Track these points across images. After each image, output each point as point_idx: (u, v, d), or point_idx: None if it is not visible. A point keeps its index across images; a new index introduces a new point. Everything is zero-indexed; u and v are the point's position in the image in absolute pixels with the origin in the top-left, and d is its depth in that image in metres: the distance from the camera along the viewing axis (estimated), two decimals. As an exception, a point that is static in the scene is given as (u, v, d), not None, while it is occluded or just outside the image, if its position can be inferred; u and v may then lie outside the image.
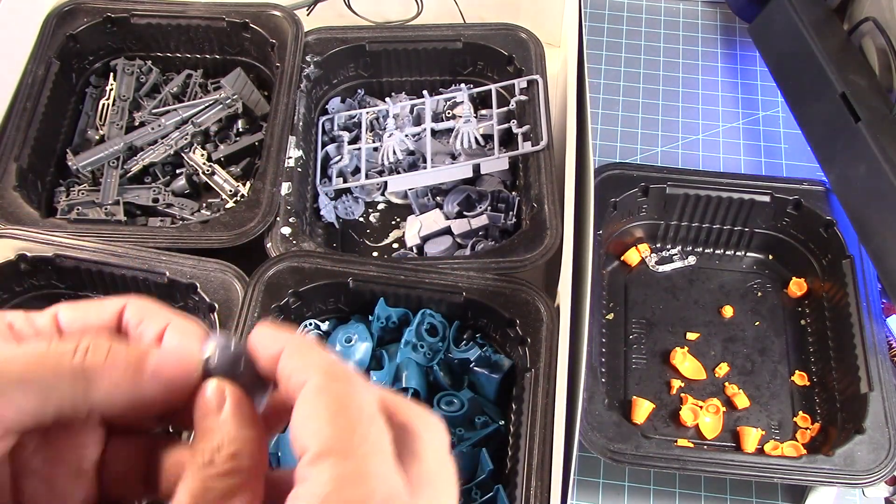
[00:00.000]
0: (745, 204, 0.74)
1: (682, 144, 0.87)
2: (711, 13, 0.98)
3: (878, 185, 0.66)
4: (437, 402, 0.62)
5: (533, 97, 0.75)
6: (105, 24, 0.78)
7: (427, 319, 0.64)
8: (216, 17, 0.78)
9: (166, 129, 0.76)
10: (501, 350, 0.65)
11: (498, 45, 0.78)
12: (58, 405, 0.23)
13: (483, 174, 0.76)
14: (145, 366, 0.24)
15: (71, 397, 0.23)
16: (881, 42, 0.72)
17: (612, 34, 0.95)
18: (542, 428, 0.55)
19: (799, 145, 0.86)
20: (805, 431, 0.68)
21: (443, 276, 0.63)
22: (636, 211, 0.76)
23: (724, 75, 0.92)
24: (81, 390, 0.23)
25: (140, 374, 0.24)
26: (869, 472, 0.60)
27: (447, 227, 0.74)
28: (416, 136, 0.78)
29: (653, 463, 0.60)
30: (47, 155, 0.73)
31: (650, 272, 0.77)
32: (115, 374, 0.24)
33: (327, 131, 0.80)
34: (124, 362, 0.24)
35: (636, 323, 0.74)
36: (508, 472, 0.57)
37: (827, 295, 0.72)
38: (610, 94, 0.90)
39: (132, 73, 0.79)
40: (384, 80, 0.82)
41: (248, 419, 0.25)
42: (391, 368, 0.63)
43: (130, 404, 0.24)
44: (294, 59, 0.75)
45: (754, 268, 0.77)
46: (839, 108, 0.71)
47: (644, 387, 0.70)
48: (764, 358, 0.72)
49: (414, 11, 0.86)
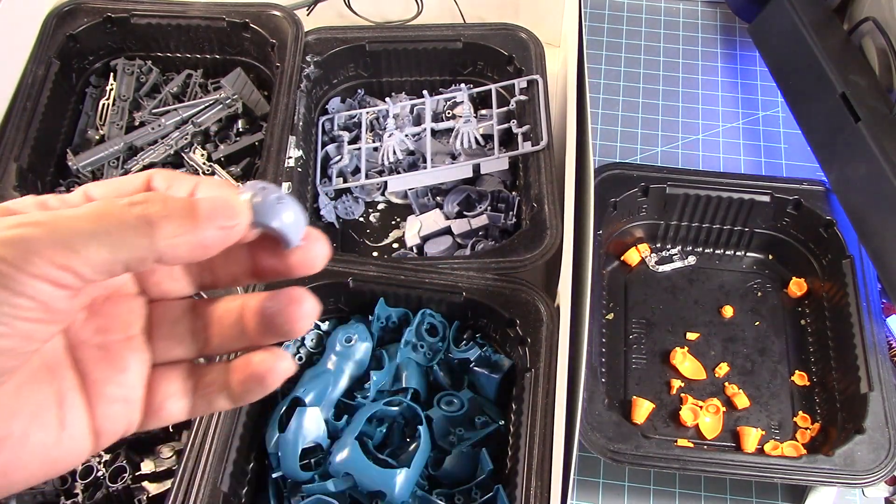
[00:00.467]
0: (745, 204, 0.74)
1: (682, 144, 0.87)
2: (711, 13, 0.98)
3: (878, 185, 0.66)
4: (437, 402, 0.62)
5: (533, 97, 0.75)
6: (105, 24, 0.78)
7: (427, 319, 0.64)
8: (216, 17, 0.78)
9: (166, 129, 0.76)
10: (501, 350, 0.65)
11: (498, 45, 0.78)
12: (127, 255, 0.24)
13: (483, 174, 0.76)
14: (199, 210, 0.25)
15: (138, 245, 0.24)
16: (881, 42, 0.72)
17: (612, 34, 0.95)
18: (542, 428, 0.55)
19: (799, 145, 0.86)
20: (805, 431, 0.68)
21: (443, 276, 0.63)
22: (636, 211, 0.76)
23: (724, 75, 0.92)
24: (148, 237, 0.24)
25: (196, 218, 0.25)
26: (869, 472, 0.60)
27: (447, 227, 0.74)
28: (416, 136, 0.78)
29: (653, 463, 0.60)
30: (47, 155, 0.73)
31: (650, 272, 0.77)
32: (176, 219, 0.25)
33: (327, 131, 0.80)
34: (181, 208, 0.25)
35: (636, 323, 0.74)
36: (508, 472, 0.57)
37: (827, 295, 0.72)
38: (610, 94, 0.90)
39: (132, 73, 0.79)
40: (384, 80, 0.82)
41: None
42: (391, 368, 0.63)
43: (191, 251, 0.25)
44: (294, 59, 0.75)
45: (754, 268, 0.77)
46: (839, 108, 0.71)
47: (644, 387, 0.70)
48: (764, 358, 0.72)
49: (414, 11, 0.86)
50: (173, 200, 0.25)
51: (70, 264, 0.23)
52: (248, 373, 0.29)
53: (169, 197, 0.25)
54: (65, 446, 0.26)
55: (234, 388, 0.29)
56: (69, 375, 0.27)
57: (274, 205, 0.27)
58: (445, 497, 0.57)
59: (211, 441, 0.55)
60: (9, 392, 0.25)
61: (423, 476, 0.59)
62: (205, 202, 0.26)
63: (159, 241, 0.24)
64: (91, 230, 0.23)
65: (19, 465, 0.25)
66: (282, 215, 0.27)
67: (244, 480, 0.58)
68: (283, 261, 0.28)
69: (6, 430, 0.25)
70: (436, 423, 0.60)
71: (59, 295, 0.23)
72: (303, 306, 0.28)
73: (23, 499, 0.58)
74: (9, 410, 0.25)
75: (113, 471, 0.59)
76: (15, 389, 0.25)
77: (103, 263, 0.24)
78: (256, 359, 0.29)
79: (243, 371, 0.29)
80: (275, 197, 0.27)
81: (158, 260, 0.25)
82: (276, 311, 0.28)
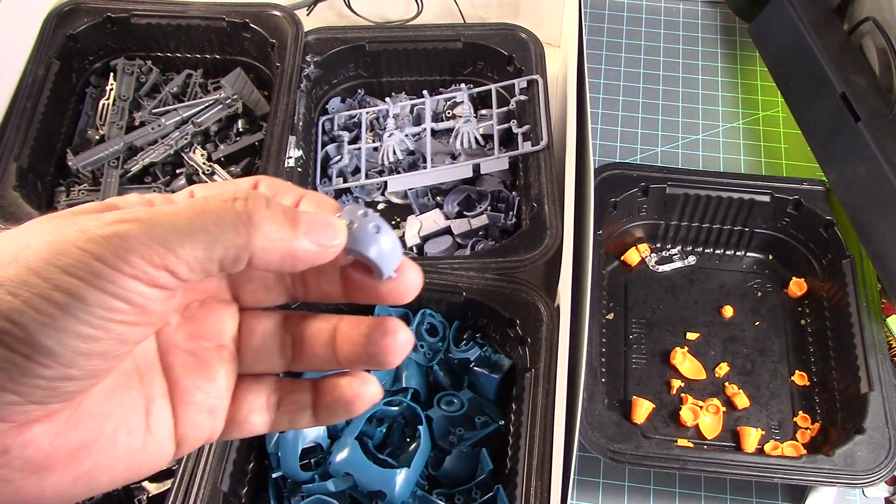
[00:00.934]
0: (745, 204, 0.74)
1: (682, 144, 0.87)
2: (711, 13, 0.98)
3: (878, 185, 0.66)
4: (437, 402, 0.62)
5: (533, 97, 0.75)
6: (105, 24, 0.78)
7: (427, 319, 0.64)
8: (216, 17, 0.78)
9: (166, 128, 0.76)
10: (501, 350, 0.65)
11: (498, 45, 0.78)
12: (223, 252, 0.23)
13: (483, 174, 0.76)
14: (299, 220, 0.25)
15: (234, 243, 0.23)
16: (881, 42, 0.72)
17: (612, 34, 0.95)
18: (542, 428, 0.55)
19: (799, 145, 0.86)
20: (805, 431, 0.68)
21: (443, 276, 0.63)
22: (636, 211, 0.76)
23: (724, 75, 0.92)
24: (245, 235, 0.24)
25: (296, 227, 0.25)
26: (869, 472, 0.60)
27: (447, 227, 0.74)
28: (416, 136, 0.78)
29: (653, 463, 0.60)
30: (47, 155, 0.73)
31: (650, 272, 0.77)
32: (276, 222, 0.24)
33: (327, 131, 0.80)
34: (282, 213, 0.25)
35: (636, 323, 0.74)
36: (508, 472, 0.57)
37: (827, 295, 0.72)
38: (610, 94, 0.90)
39: (132, 73, 0.79)
40: (384, 80, 0.82)
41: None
42: (391, 368, 0.63)
43: (282, 258, 0.25)
44: (294, 59, 0.75)
45: (754, 268, 0.77)
46: (839, 108, 0.71)
47: (644, 387, 0.70)
48: (764, 358, 0.72)
49: (414, 11, 0.86)
50: (276, 204, 0.25)
51: (167, 263, 0.22)
52: (335, 395, 0.29)
53: (272, 199, 0.25)
54: (149, 451, 0.26)
55: (320, 408, 0.29)
56: (159, 381, 0.27)
57: (371, 234, 0.26)
58: (445, 497, 0.57)
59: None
60: (100, 394, 0.25)
61: (423, 476, 0.59)
62: (306, 215, 0.25)
63: (256, 241, 0.24)
64: (188, 227, 0.23)
65: (104, 468, 0.25)
66: (377, 246, 0.27)
67: (244, 480, 0.58)
68: (374, 289, 0.28)
69: (96, 433, 0.24)
70: (436, 423, 0.60)
71: (155, 296, 0.23)
72: (398, 338, 0.28)
73: (23, 499, 0.58)
74: (100, 412, 0.25)
75: (113, 471, 0.59)
76: (106, 392, 0.25)
77: (199, 262, 0.23)
78: (344, 382, 0.29)
79: (331, 393, 0.29)
80: (373, 226, 0.27)
81: (250, 261, 0.24)
82: (371, 342, 0.28)
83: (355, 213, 0.27)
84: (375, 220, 0.27)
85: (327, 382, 0.29)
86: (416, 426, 0.60)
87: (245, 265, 0.24)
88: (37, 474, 0.23)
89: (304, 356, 0.30)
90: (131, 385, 0.26)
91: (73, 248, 0.22)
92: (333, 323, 0.29)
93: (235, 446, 0.56)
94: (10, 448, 0.23)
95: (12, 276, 0.22)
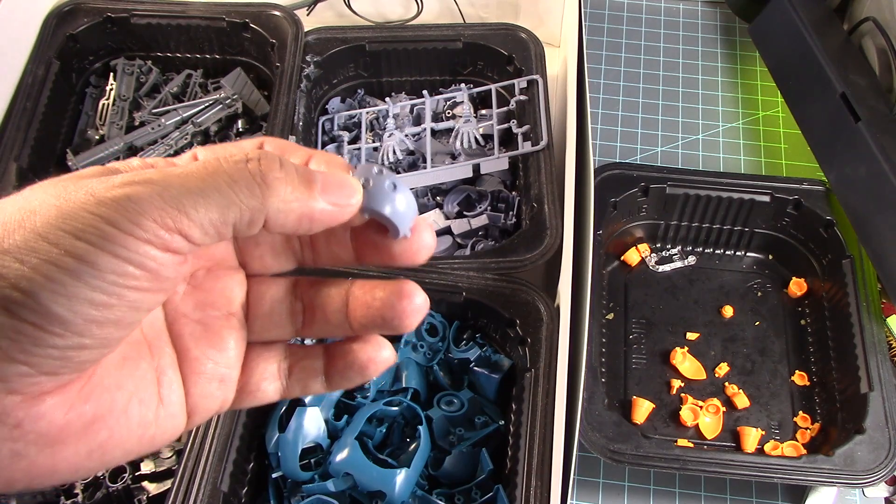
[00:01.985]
0: (745, 204, 0.74)
1: (682, 144, 0.87)
2: (711, 13, 0.98)
3: (878, 185, 0.66)
4: (437, 402, 0.62)
5: (533, 97, 0.75)
6: (105, 24, 0.78)
7: (427, 319, 0.64)
8: (216, 17, 0.78)
9: (166, 128, 0.76)
10: (501, 350, 0.65)
11: (498, 45, 0.78)
12: (237, 214, 0.23)
13: (483, 174, 0.76)
14: (315, 180, 0.24)
15: (249, 205, 0.23)
16: (881, 42, 0.72)
17: (612, 34, 0.95)
18: (542, 428, 0.55)
19: (799, 145, 0.86)
20: (805, 431, 0.68)
21: (443, 276, 0.63)
22: (636, 211, 0.76)
23: (724, 75, 0.92)
24: (260, 196, 0.23)
25: (312, 187, 0.24)
26: (869, 472, 0.60)
27: (447, 227, 0.74)
28: (416, 136, 0.78)
29: (653, 463, 0.60)
30: (47, 155, 0.73)
31: (650, 272, 0.77)
32: (290, 183, 0.23)
33: (327, 131, 0.80)
34: (297, 173, 0.24)
35: (636, 323, 0.74)
36: (508, 472, 0.57)
37: (827, 295, 0.72)
38: (610, 94, 0.90)
39: (132, 73, 0.79)
40: (384, 80, 0.82)
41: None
42: (391, 368, 0.63)
43: (299, 220, 0.24)
44: (294, 59, 0.75)
45: (754, 268, 0.77)
46: (839, 108, 0.71)
47: (644, 387, 0.70)
48: (764, 358, 0.72)
49: (414, 11, 0.86)
50: (289, 164, 0.24)
51: (180, 226, 0.22)
52: (348, 360, 0.28)
53: (285, 159, 0.24)
54: (161, 423, 0.26)
55: (332, 374, 0.29)
56: (168, 351, 0.26)
57: (388, 192, 0.25)
58: (445, 497, 0.57)
59: (211, 441, 0.55)
60: (111, 365, 0.24)
61: (423, 476, 0.59)
62: (321, 174, 0.24)
63: (272, 202, 0.23)
64: (201, 188, 0.22)
65: (118, 440, 0.24)
66: (394, 203, 0.26)
67: (244, 480, 0.58)
68: (387, 249, 0.27)
69: (109, 405, 0.24)
70: (436, 423, 0.60)
71: (168, 261, 0.22)
72: (414, 301, 0.27)
73: (23, 499, 0.58)
74: (112, 384, 0.24)
75: (113, 471, 0.59)
76: (117, 363, 0.24)
77: (213, 224, 0.22)
78: (357, 346, 0.28)
79: (343, 359, 0.29)
80: (389, 184, 0.26)
81: (265, 224, 0.23)
82: (387, 305, 0.27)
83: (370, 172, 0.26)
84: (391, 178, 0.26)
85: (339, 348, 0.29)
86: (416, 426, 0.60)
87: (259, 228, 0.23)
88: (50, 448, 0.23)
89: (316, 322, 0.29)
90: (141, 356, 0.25)
91: (82, 211, 0.21)
92: (345, 288, 0.29)
93: (235, 446, 0.56)
94: (23, 421, 0.22)
95: (19, 242, 0.21)
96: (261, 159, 0.23)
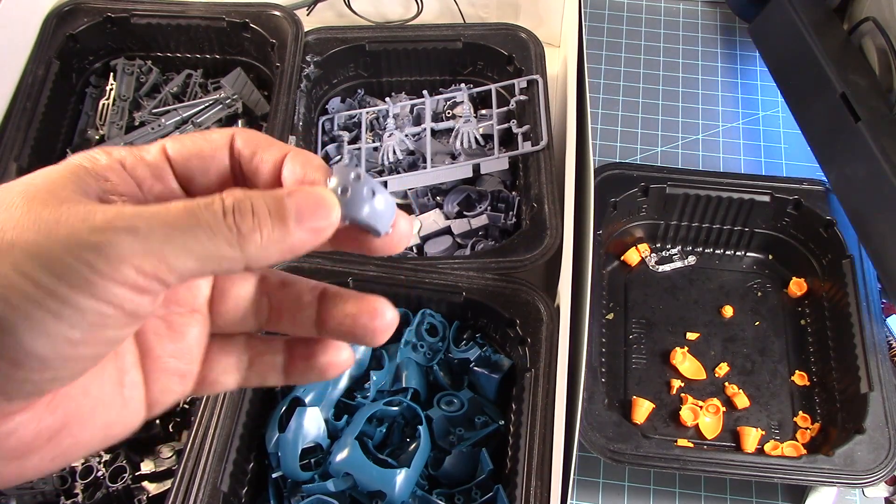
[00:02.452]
0: (745, 204, 0.74)
1: (682, 144, 0.87)
2: (711, 13, 0.98)
3: (878, 185, 0.66)
4: (437, 402, 0.62)
5: (533, 97, 0.75)
6: (105, 24, 0.78)
7: (427, 319, 0.64)
8: (216, 17, 0.78)
9: (166, 128, 0.76)
10: (501, 350, 0.65)
11: (498, 45, 0.78)
12: (216, 266, 0.23)
13: (483, 174, 0.76)
14: (288, 213, 0.24)
15: (228, 255, 0.23)
16: (881, 42, 0.72)
17: (612, 34, 0.95)
18: (542, 428, 0.55)
19: (799, 145, 0.86)
20: (805, 431, 0.68)
21: (443, 276, 0.63)
22: (636, 211, 0.76)
23: (724, 75, 0.92)
24: (237, 246, 0.23)
25: (286, 223, 0.24)
26: (869, 472, 0.60)
27: (447, 227, 0.74)
28: (416, 136, 0.78)
29: (653, 463, 0.60)
30: (47, 155, 0.73)
31: (650, 272, 0.77)
32: (265, 226, 0.24)
33: (327, 131, 0.80)
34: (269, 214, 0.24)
35: (636, 323, 0.74)
36: (508, 472, 0.57)
37: (827, 295, 0.72)
38: (610, 94, 0.90)
39: (132, 73, 0.79)
40: (384, 80, 0.82)
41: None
42: (391, 368, 0.63)
43: (280, 255, 0.24)
44: (294, 59, 0.75)
45: (754, 268, 0.77)
46: (839, 108, 0.71)
47: (644, 387, 0.70)
48: (764, 358, 0.72)
49: (414, 11, 0.86)
50: (261, 205, 0.24)
51: (159, 274, 0.22)
52: (310, 363, 0.29)
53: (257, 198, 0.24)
54: (122, 420, 0.26)
55: (292, 372, 0.29)
56: (130, 349, 0.27)
57: (367, 199, 0.25)
58: (445, 497, 0.57)
59: (211, 441, 0.55)
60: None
61: (423, 476, 0.59)
62: (293, 202, 0.24)
63: (249, 251, 0.23)
64: (182, 240, 0.22)
65: (82, 444, 0.25)
66: (374, 208, 0.25)
67: (244, 480, 0.58)
68: (367, 244, 0.27)
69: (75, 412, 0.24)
70: (436, 423, 0.60)
71: (142, 301, 0.23)
72: (385, 319, 0.28)
73: (23, 498, 0.58)
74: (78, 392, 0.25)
75: (113, 471, 0.59)
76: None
77: (190, 272, 0.23)
78: (318, 350, 0.29)
79: (305, 361, 0.29)
80: (368, 190, 0.25)
81: (247, 268, 0.24)
82: (358, 325, 0.28)
83: (347, 177, 0.25)
84: (369, 184, 0.25)
85: (301, 349, 0.29)
86: (416, 426, 0.60)
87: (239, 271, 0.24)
88: (18, 460, 0.23)
89: (282, 322, 0.29)
90: (107, 359, 0.26)
91: (65, 254, 0.21)
92: (314, 295, 0.29)
93: (235, 446, 0.56)
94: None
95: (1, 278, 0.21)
96: (234, 212, 0.23)
